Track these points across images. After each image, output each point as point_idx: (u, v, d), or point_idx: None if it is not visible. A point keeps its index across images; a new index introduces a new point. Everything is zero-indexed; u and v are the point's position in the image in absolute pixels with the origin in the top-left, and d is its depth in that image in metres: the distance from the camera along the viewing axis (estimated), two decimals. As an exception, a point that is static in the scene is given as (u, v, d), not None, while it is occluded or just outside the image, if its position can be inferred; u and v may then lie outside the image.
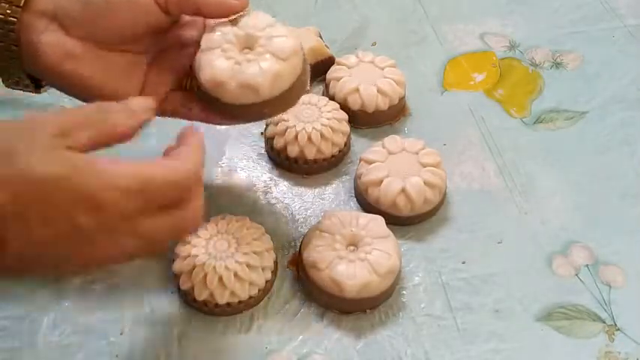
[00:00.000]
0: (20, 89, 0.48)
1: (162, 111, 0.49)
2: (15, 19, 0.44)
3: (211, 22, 0.49)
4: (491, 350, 0.48)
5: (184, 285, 0.48)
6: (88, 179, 0.37)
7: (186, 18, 0.50)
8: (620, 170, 0.59)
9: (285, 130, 0.56)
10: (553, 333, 0.49)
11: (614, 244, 0.54)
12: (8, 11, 0.44)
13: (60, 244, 0.37)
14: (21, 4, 0.44)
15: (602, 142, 0.62)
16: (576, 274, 0.53)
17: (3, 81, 0.48)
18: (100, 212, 0.37)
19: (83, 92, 0.47)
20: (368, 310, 0.50)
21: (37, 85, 0.48)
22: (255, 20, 0.47)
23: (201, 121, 0.50)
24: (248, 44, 0.47)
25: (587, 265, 0.53)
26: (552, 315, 0.50)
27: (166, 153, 0.42)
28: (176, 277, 0.49)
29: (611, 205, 0.57)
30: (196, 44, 0.49)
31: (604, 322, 0.50)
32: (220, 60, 0.46)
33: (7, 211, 0.35)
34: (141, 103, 0.41)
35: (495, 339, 0.49)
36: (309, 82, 0.49)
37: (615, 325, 0.50)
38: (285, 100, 0.48)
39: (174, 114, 0.51)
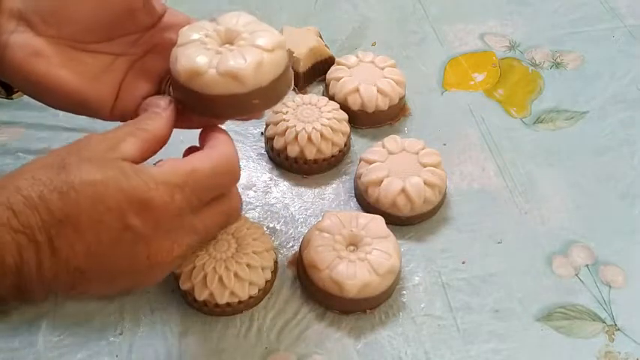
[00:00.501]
0: None
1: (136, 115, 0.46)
2: None
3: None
4: (491, 350, 0.48)
5: (184, 285, 0.48)
6: (135, 181, 0.37)
7: (168, 21, 0.47)
8: (620, 170, 0.59)
9: (285, 130, 0.56)
10: (553, 333, 0.49)
11: (614, 244, 0.54)
12: None
13: (114, 249, 0.37)
14: None
15: (602, 142, 0.62)
16: (576, 274, 0.53)
17: None
18: (151, 212, 0.37)
19: (53, 96, 0.44)
20: (368, 310, 0.50)
21: (8, 91, 0.47)
22: (236, 19, 0.45)
23: (182, 126, 0.46)
24: (229, 39, 0.44)
25: (587, 265, 0.53)
26: (552, 315, 0.50)
27: (187, 154, 0.42)
28: (176, 277, 0.49)
29: (611, 205, 0.57)
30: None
31: (604, 322, 0.50)
32: (199, 51, 0.42)
33: (56, 217, 0.35)
34: (161, 104, 0.42)
35: (495, 339, 0.49)
36: (293, 81, 0.46)
37: (615, 325, 0.50)
38: (271, 93, 0.43)
39: None
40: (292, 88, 0.47)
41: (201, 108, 0.43)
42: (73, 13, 0.43)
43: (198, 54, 0.42)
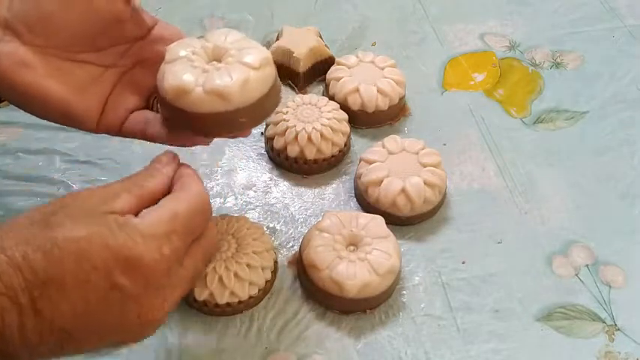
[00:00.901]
0: None
1: (123, 131, 0.47)
2: None
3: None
4: (491, 350, 0.48)
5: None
6: (121, 237, 0.36)
7: (158, 33, 0.47)
8: (620, 170, 0.59)
9: (285, 130, 0.56)
10: (553, 333, 0.49)
11: (614, 244, 0.54)
12: None
13: (102, 309, 0.36)
14: None
15: (602, 142, 0.62)
16: (576, 274, 0.53)
17: None
18: (140, 270, 0.36)
19: (39, 106, 0.44)
20: (368, 310, 0.50)
21: None
22: (225, 36, 0.44)
23: (168, 142, 0.46)
24: (216, 56, 0.43)
25: (587, 265, 0.53)
26: (552, 315, 0.50)
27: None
28: (176, 277, 0.49)
29: (611, 205, 0.57)
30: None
31: (604, 322, 0.50)
32: (186, 69, 0.42)
33: (40, 277, 0.34)
34: (163, 159, 0.41)
35: (495, 339, 0.49)
36: (281, 97, 0.45)
37: (615, 325, 0.50)
38: (258, 110, 0.43)
39: (137, 133, 0.47)
40: (279, 104, 0.46)
41: (188, 126, 0.43)
42: (59, 22, 0.43)
43: (184, 72, 0.42)
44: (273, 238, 0.54)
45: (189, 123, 0.42)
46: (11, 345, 0.34)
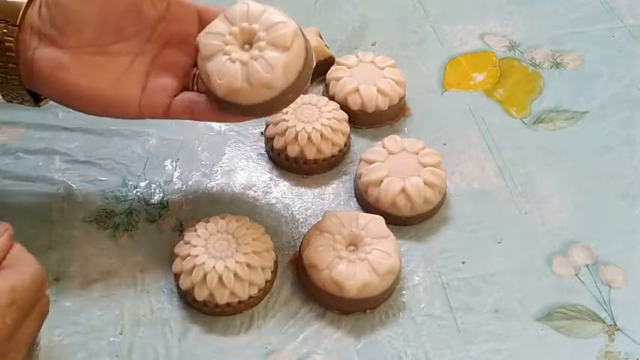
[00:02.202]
0: (19, 103, 0.49)
1: (171, 114, 0.49)
2: (12, 39, 0.45)
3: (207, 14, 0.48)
4: (491, 350, 0.48)
5: (184, 285, 0.48)
6: None
7: (175, 11, 0.49)
8: (620, 170, 0.59)
9: (285, 130, 0.56)
10: (553, 333, 0.49)
11: (614, 244, 0.54)
12: (5, 30, 0.45)
13: None
14: (17, 23, 0.45)
15: (602, 142, 0.62)
16: (576, 274, 0.53)
17: (3, 96, 0.48)
18: None
19: (80, 103, 0.47)
20: (368, 310, 0.50)
21: (36, 99, 0.48)
22: (246, 9, 0.46)
23: (216, 120, 0.50)
24: (247, 39, 0.46)
25: (587, 265, 0.53)
26: (552, 315, 0.50)
27: None
28: (176, 277, 0.49)
29: (611, 205, 0.57)
30: (194, 40, 0.47)
31: (604, 322, 0.50)
32: (227, 65, 0.45)
33: None
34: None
35: (495, 339, 0.49)
36: (314, 56, 0.48)
37: (615, 325, 0.50)
38: (301, 80, 0.47)
39: (185, 115, 0.49)
40: (314, 61, 0.48)
41: (241, 112, 0.47)
42: (82, 19, 0.45)
43: (227, 70, 0.45)
44: (273, 238, 0.54)
45: (241, 111, 0.46)
46: None
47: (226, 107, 0.46)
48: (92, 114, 0.48)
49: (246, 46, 0.46)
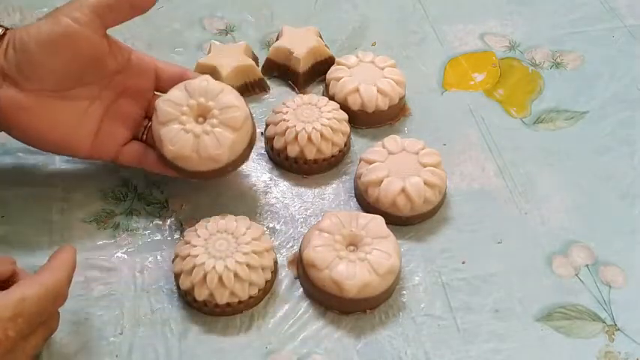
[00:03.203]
0: None
1: (120, 160, 0.54)
2: None
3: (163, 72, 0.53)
4: (491, 350, 0.48)
5: (184, 285, 0.48)
6: None
7: (136, 67, 0.52)
8: (620, 170, 0.59)
9: (285, 130, 0.56)
10: (553, 333, 0.49)
11: (614, 244, 0.54)
12: None
13: None
14: None
15: (602, 142, 0.62)
16: (576, 274, 0.53)
17: None
18: None
19: (37, 143, 0.51)
20: (368, 310, 0.50)
21: None
22: (205, 86, 0.51)
23: (158, 171, 0.53)
24: (202, 113, 0.50)
25: (587, 265, 0.53)
26: (552, 315, 0.50)
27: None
28: (176, 277, 0.49)
29: (611, 205, 0.57)
30: (149, 93, 0.53)
31: (604, 322, 0.50)
32: (180, 134, 0.49)
33: None
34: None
35: (495, 339, 0.49)
36: (256, 136, 0.54)
37: (615, 325, 0.50)
38: (242, 158, 0.52)
39: (132, 164, 0.54)
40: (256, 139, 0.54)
41: (185, 174, 0.51)
42: (47, 68, 0.48)
43: (180, 139, 0.49)
44: (273, 238, 0.54)
45: (186, 173, 0.51)
46: None
47: (171, 166, 0.51)
48: (44, 150, 0.52)
49: (200, 119, 0.50)
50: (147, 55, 0.54)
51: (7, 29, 0.49)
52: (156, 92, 0.54)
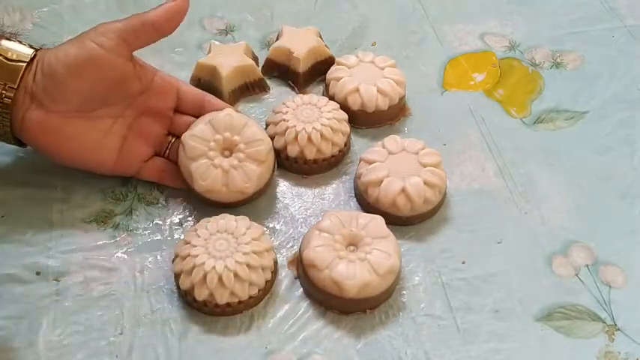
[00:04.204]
0: (6, 143, 0.53)
1: (141, 176, 0.56)
2: (9, 100, 0.49)
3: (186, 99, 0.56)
4: (491, 350, 0.48)
5: (184, 285, 0.48)
6: None
7: (159, 88, 0.55)
8: (620, 170, 0.59)
9: (285, 130, 0.56)
10: (553, 333, 0.49)
11: (614, 244, 0.54)
12: (3, 91, 0.49)
13: None
14: (16, 86, 0.49)
15: (602, 142, 0.62)
16: (576, 274, 0.53)
17: None
18: None
19: (62, 161, 0.53)
20: (368, 310, 0.50)
21: (21, 143, 0.53)
22: (229, 120, 0.53)
23: (179, 186, 0.55)
24: (228, 147, 0.53)
25: (587, 265, 0.53)
26: (552, 315, 0.50)
27: None
28: (176, 277, 0.49)
29: (611, 205, 0.57)
30: (170, 112, 0.55)
31: (604, 322, 0.50)
32: (210, 169, 0.52)
33: None
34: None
35: (495, 339, 0.49)
36: (275, 162, 0.56)
37: (615, 325, 0.50)
38: (266, 186, 0.55)
39: (153, 179, 0.56)
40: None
41: (210, 203, 0.54)
42: (73, 89, 0.50)
43: (210, 174, 0.52)
44: (273, 238, 0.54)
45: (213, 203, 0.53)
46: None
47: (200, 198, 0.53)
48: (68, 166, 0.54)
49: (226, 152, 0.53)
50: (170, 76, 0.56)
51: (37, 50, 0.51)
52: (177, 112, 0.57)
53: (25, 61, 0.50)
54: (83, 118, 0.51)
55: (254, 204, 0.56)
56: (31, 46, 0.51)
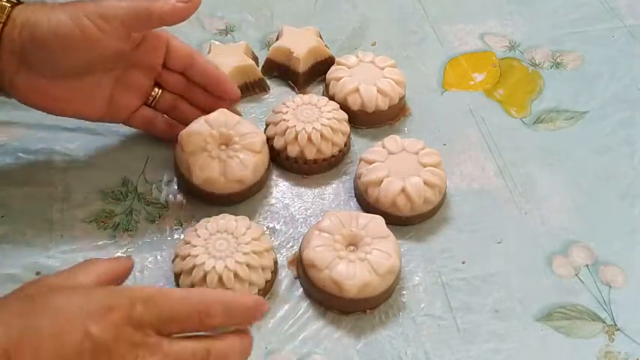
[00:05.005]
0: None
1: (130, 124, 0.57)
2: None
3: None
4: (491, 350, 0.48)
5: (184, 285, 0.48)
6: (98, 292, 0.38)
7: (149, 44, 0.54)
8: (620, 170, 0.59)
9: (285, 130, 0.56)
10: (553, 333, 0.49)
11: (614, 244, 0.54)
12: None
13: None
14: None
15: (602, 142, 0.62)
16: (576, 274, 0.53)
17: None
18: (110, 317, 0.36)
19: (51, 112, 0.53)
20: (368, 310, 0.50)
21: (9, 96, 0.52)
22: (224, 118, 0.55)
23: (165, 136, 0.57)
24: (224, 141, 0.54)
25: (587, 265, 0.53)
26: (552, 315, 0.50)
27: None
28: (176, 277, 0.49)
29: (611, 205, 0.57)
30: (158, 67, 0.55)
31: (604, 322, 0.50)
32: (207, 160, 0.53)
33: (14, 336, 0.34)
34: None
35: (495, 339, 0.49)
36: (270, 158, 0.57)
37: (615, 325, 0.50)
38: (263, 180, 0.56)
39: (141, 127, 0.57)
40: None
41: (211, 200, 0.54)
42: (66, 61, 0.49)
43: (207, 165, 0.53)
44: (273, 238, 0.54)
45: (214, 198, 0.54)
46: None
47: (199, 193, 0.54)
48: (59, 116, 0.54)
49: (223, 147, 0.54)
50: (162, 31, 0.54)
51: (14, 4, 0.48)
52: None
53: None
54: (74, 78, 0.51)
55: (254, 204, 0.56)
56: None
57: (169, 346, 0.37)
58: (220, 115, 0.55)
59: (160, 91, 0.56)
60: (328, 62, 0.64)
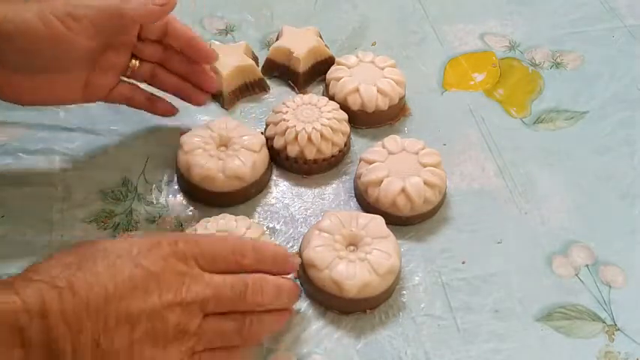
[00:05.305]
0: None
1: (110, 100, 0.56)
2: None
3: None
4: (491, 350, 0.48)
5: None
6: (147, 235, 0.44)
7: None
8: (620, 170, 0.59)
9: (285, 130, 0.56)
10: (553, 333, 0.49)
11: (614, 244, 0.54)
12: None
13: (129, 290, 0.39)
14: None
15: (602, 142, 0.62)
16: (576, 274, 0.53)
17: None
18: (157, 251, 0.41)
19: (30, 104, 0.53)
20: (368, 310, 0.50)
21: None
22: (225, 124, 0.56)
23: (146, 109, 0.57)
24: (223, 143, 0.55)
25: (587, 265, 0.53)
26: (552, 315, 0.50)
27: None
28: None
29: (611, 205, 0.57)
30: (133, 45, 0.54)
31: (604, 322, 0.50)
32: (206, 158, 0.54)
33: (73, 267, 0.39)
34: None
35: (495, 339, 0.49)
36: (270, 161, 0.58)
37: (615, 325, 0.50)
38: (262, 182, 0.56)
39: (121, 102, 0.56)
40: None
41: (210, 200, 0.54)
42: (36, 59, 0.48)
43: (206, 162, 0.53)
44: (273, 238, 0.54)
45: (213, 197, 0.54)
46: (54, 325, 0.37)
47: (199, 193, 0.54)
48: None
49: (222, 148, 0.55)
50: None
51: None
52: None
53: None
54: (46, 72, 0.50)
55: (254, 204, 0.56)
56: None
57: (210, 278, 0.42)
58: (221, 121, 0.56)
59: (138, 62, 0.55)
60: (328, 62, 0.64)
